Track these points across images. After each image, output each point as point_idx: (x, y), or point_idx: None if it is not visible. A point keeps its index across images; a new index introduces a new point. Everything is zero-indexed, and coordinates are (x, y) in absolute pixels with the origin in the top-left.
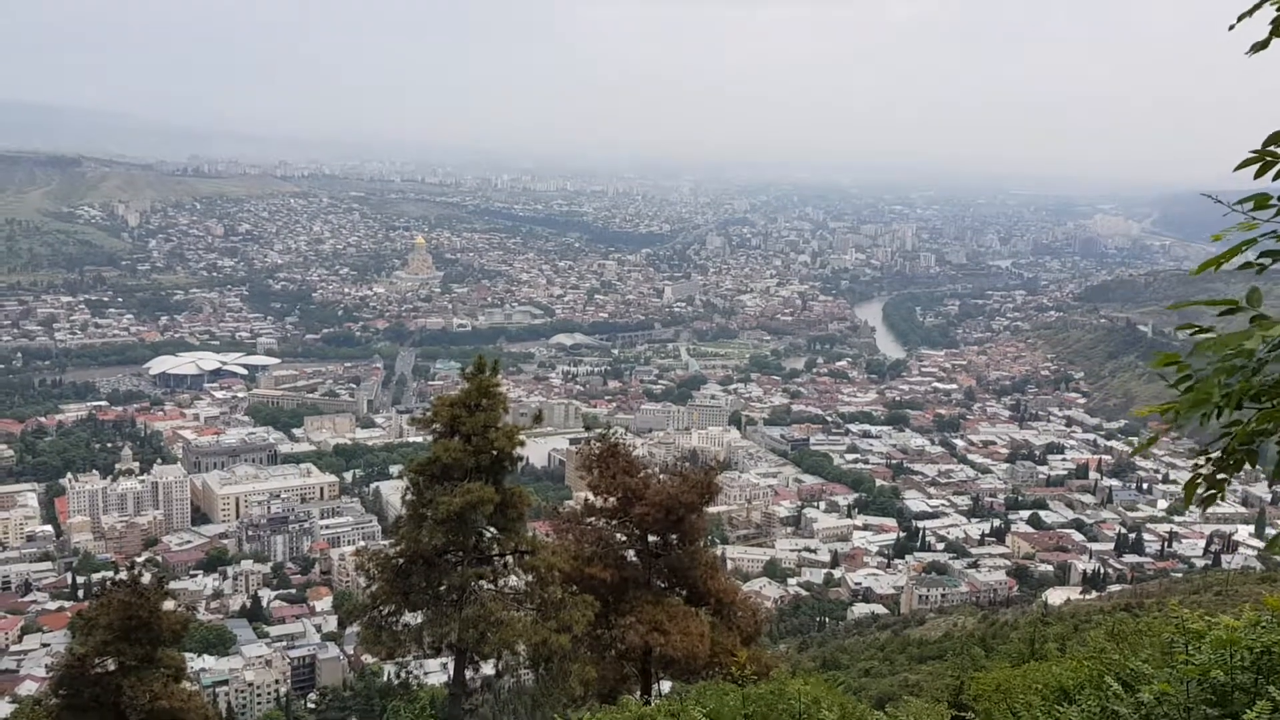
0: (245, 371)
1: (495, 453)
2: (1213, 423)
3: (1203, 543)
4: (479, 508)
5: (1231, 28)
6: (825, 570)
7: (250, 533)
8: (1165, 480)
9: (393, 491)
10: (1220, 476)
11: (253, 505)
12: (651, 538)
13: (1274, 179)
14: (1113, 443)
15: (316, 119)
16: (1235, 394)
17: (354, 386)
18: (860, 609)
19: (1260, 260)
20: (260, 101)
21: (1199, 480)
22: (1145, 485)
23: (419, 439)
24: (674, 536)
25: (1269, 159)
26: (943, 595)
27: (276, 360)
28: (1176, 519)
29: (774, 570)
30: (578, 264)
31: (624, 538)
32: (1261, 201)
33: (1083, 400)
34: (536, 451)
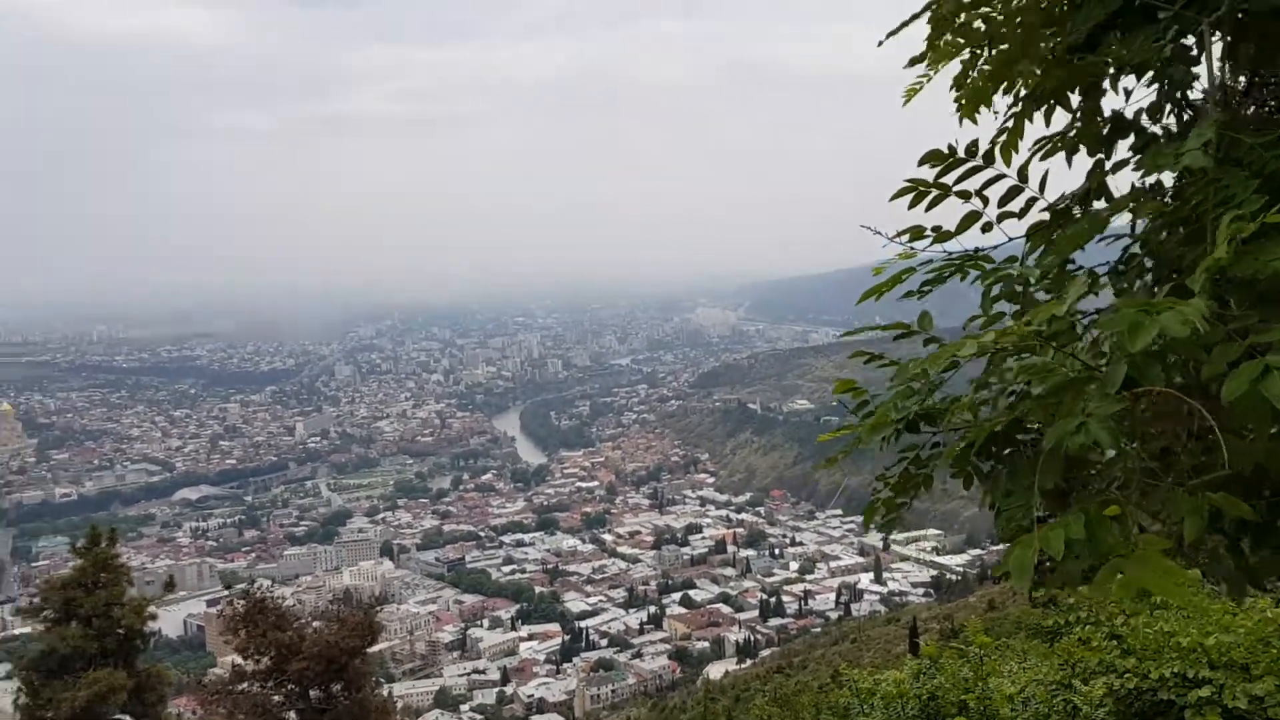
0: None
1: (123, 632)
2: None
3: (833, 596)
4: (110, 698)
5: (881, 44)
6: (497, 689)
7: None
8: (793, 543)
9: (2, 695)
10: (900, 500)
11: None
12: (314, 693)
13: (926, 210)
14: (743, 515)
15: None
16: (912, 416)
17: None
18: None
19: (922, 289)
20: None
21: (878, 505)
22: (777, 551)
23: (27, 630)
24: (338, 687)
25: (921, 189)
26: (613, 691)
27: None
28: (808, 578)
29: (445, 699)
30: (196, 411)
31: (282, 699)
32: (917, 233)
33: (711, 479)
34: (170, 620)
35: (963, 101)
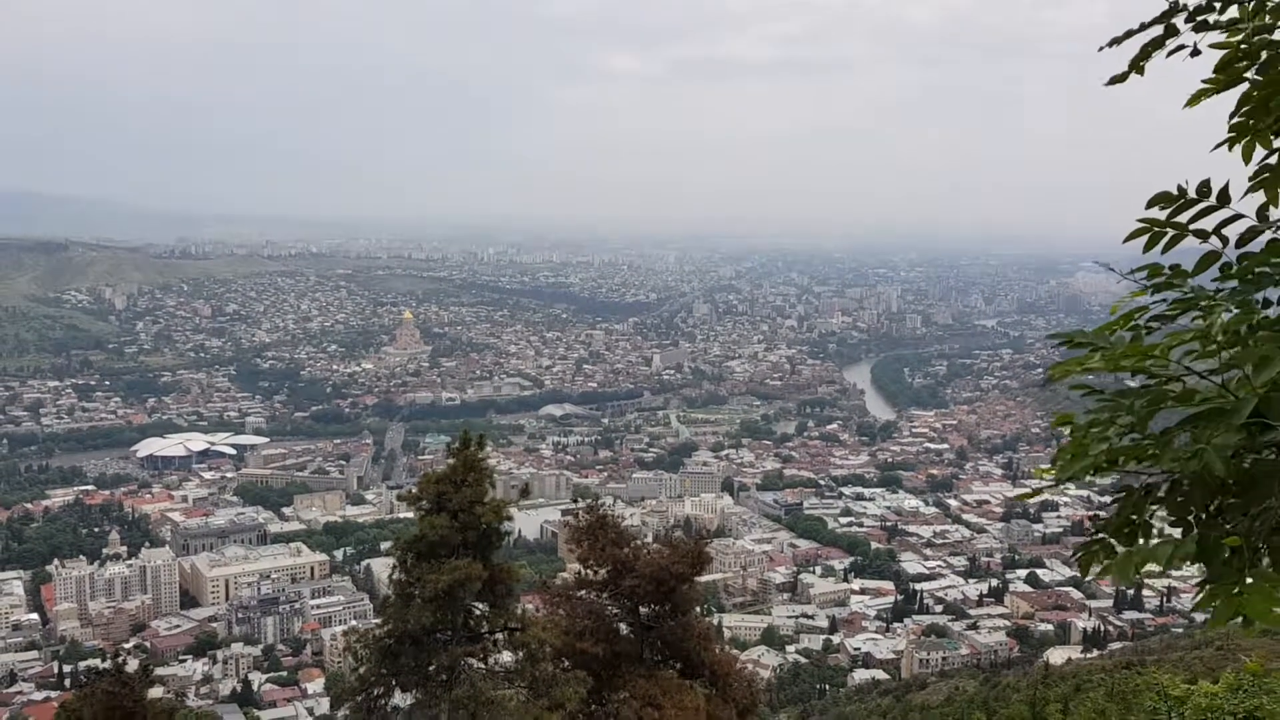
0: (234, 451)
1: (483, 528)
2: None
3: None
4: (467, 585)
5: (1103, 49)
6: (824, 636)
7: (240, 615)
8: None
9: (384, 569)
10: (1119, 550)
11: (242, 587)
12: (643, 610)
13: (1162, 252)
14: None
15: (303, 199)
16: (1119, 451)
17: (344, 463)
18: (861, 675)
19: (1150, 324)
20: (246, 184)
21: (1097, 551)
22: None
23: (409, 515)
24: (666, 608)
25: (1156, 230)
26: (943, 658)
27: (265, 439)
28: (1174, 574)
29: (772, 637)
30: (565, 334)
31: (616, 610)
32: (1155, 271)
33: None
34: (529, 524)
35: (1235, 135)
